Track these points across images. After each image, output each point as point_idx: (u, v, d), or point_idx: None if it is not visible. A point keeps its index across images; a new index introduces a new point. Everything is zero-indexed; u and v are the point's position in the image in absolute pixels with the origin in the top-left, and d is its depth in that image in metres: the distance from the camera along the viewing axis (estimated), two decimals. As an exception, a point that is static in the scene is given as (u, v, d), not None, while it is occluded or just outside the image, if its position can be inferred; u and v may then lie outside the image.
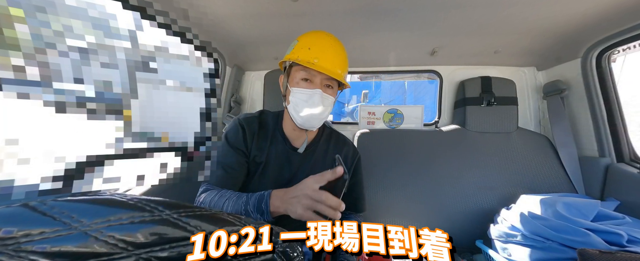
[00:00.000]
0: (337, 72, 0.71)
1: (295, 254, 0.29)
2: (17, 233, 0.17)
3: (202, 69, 0.50)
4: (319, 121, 0.74)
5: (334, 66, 0.70)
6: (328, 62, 0.69)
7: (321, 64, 0.68)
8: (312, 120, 0.73)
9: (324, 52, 0.70)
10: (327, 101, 0.72)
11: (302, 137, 0.81)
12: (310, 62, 0.68)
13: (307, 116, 0.71)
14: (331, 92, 0.73)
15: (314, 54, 0.69)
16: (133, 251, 0.19)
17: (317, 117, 0.72)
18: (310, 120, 0.72)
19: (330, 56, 0.70)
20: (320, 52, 0.70)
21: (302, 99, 0.71)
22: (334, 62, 0.70)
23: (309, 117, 0.72)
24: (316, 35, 0.74)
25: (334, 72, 0.69)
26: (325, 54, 0.70)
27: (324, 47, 0.71)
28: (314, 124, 0.74)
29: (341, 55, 0.73)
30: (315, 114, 0.71)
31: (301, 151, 0.79)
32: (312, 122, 0.73)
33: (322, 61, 0.69)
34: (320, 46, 0.71)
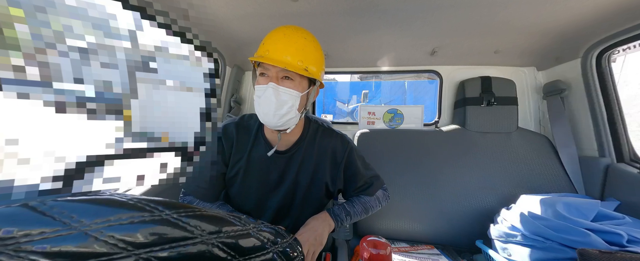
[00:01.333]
0: (288, 62, 0.64)
1: (295, 254, 0.29)
2: (17, 233, 0.17)
3: (202, 69, 0.50)
4: (278, 118, 0.66)
5: (283, 56, 0.64)
6: (278, 52, 0.64)
7: (271, 55, 0.64)
8: (269, 117, 0.66)
9: (275, 43, 0.65)
10: (284, 95, 0.65)
11: (282, 138, 0.77)
12: (262, 55, 0.65)
13: (264, 113, 0.67)
14: (291, 85, 0.66)
15: (266, 46, 0.66)
16: (133, 251, 0.19)
17: (273, 113, 0.65)
18: (268, 117, 0.66)
19: (281, 46, 0.65)
20: (272, 44, 0.65)
21: (257, 95, 0.67)
22: (284, 52, 0.64)
23: (265, 115, 0.66)
24: (275, 30, 0.69)
25: (283, 62, 0.63)
26: (275, 45, 0.65)
27: (276, 38, 0.66)
28: (274, 122, 0.67)
29: (297, 44, 0.66)
30: (270, 110, 0.65)
31: (269, 154, 0.75)
32: (270, 120, 0.67)
33: (272, 52, 0.64)
34: (273, 38, 0.66)
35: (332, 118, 4.58)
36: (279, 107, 0.65)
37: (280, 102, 0.65)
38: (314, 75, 0.68)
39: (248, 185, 0.80)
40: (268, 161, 0.78)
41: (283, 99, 0.65)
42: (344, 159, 0.84)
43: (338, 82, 9.31)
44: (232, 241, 0.24)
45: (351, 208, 0.82)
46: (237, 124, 0.81)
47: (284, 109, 0.66)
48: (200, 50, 0.49)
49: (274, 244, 0.28)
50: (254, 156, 0.79)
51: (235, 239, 0.25)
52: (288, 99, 0.66)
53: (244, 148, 0.79)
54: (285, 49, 0.65)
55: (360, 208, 0.83)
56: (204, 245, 0.22)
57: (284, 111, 0.66)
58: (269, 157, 0.77)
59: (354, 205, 0.83)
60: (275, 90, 0.65)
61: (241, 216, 0.27)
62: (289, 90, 0.66)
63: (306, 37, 0.68)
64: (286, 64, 0.63)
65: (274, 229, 0.30)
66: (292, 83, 0.66)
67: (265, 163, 0.79)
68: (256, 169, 0.79)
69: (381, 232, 1.07)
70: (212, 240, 0.23)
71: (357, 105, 4.08)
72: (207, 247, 0.22)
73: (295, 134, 0.81)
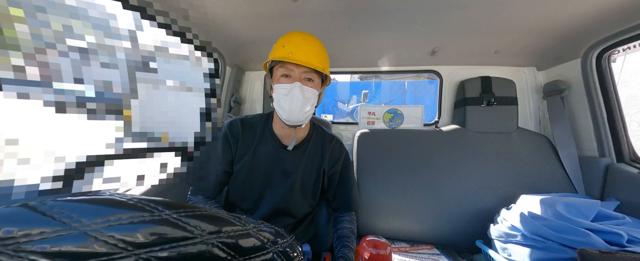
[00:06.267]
0: (313, 63, 0.72)
1: (295, 254, 0.29)
2: (16, 233, 0.17)
3: (202, 69, 0.50)
4: (302, 114, 0.74)
5: (309, 58, 0.72)
6: (302, 54, 0.72)
7: (296, 57, 0.71)
8: (294, 114, 0.73)
9: (297, 46, 0.73)
10: (308, 93, 0.73)
11: (291, 135, 0.82)
12: (286, 57, 0.72)
13: (290, 110, 0.73)
14: (312, 85, 0.74)
15: (289, 49, 0.73)
16: (133, 251, 0.19)
17: (299, 110, 0.73)
18: (293, 114, 0.73)
19: (304, 49, 0.73)
20: (294, 47, 0.73)
21: (283, 93, 0.73)
22: (308, 55, 0.72)
23: (291, 111, 0.73)
24: (291, 34, 0.77)
25: (309, 63, 0.71)
26: (299, 48, 0.73)
27: (297, 42, 0.74)
28: (298, 118, 0.74)
29: (316, 48, 0.75)
30: (297, 107, 0.72)
31: (290, 149, 0.81)
32: (296, 116, 0.74)
33: (297, 54, 0.72)
34: (293, 42, 0.74)
35: (332, 118, 4.58)
36: (304, 104, 0.73)
37: (306, 99, 0.73)
38: (328, 75, 0.78)
39: (252, 180, 0.82)
40: (273, 156, 0.82)
41: (307, 96, 0.73)
42: (338, 161, 0.88)
43: (338, 82, 9.31)
44: (232, 241, 0.24)
45: (352, 244, 0.82)
46: (242, 121, 0.85)
47: (308, 107, 0.74)
48: (200, 50, 0.49)
49: (274, 244, 0.28)
50: (260, 152, 0.82)
51: (235, 239, 0.25)
52: (311, 97, 0.74)
53: (249, 145, 0.82)
54: (308, 52, 0.73)
55: (353, 238, 0.85)
56: (204, 245, 0.22)
57: (308, 107, 0.74)
58: (275, 153, 0.81)
59: (350, 239, 0.83)
60: (301, 89, 0.72)
61: (241, 216, 0.27)
62: (312, 89, 0.74)
63: (320, 43, 0.78)
64: (312, 65, 0.72)
65: (274, 229, 0.30)
66: (313, 83, 0.75)
67: (271, 159, 0.82)
68: (261, 165, 0.81)
69: (381, 232, 1.07)
70: (212, 240, 0.23)
71: (357, 105, 4.08)
72: (207, 247, 0.22)
73: (304, 131, 0.86)
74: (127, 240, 0.19)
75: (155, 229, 0.21)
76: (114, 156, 0.38)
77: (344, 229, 0.86)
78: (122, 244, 0.19)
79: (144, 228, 0.20)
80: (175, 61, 0.46)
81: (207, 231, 0.23)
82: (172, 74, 0.45)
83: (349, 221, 0.89)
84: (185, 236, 0.22)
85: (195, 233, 0.22)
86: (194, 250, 0.22)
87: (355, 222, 0.92)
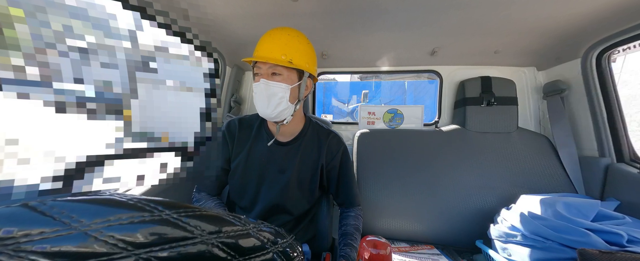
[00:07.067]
0: (274, 57, 0.71)
1: (295, 254, 0.29)
2: (16, 233, 0.17)
3: (202, 69, 0.50)
4: (272, 110, 0.73)
5: (269, 52, 0.71)
6: (264, 51, 0.72)
7: (258, 54, 0.73)
8: (264, 109, 0.74)
9: (261, 44, 0.73)
10: (273, 88, 0.72)
11: (284, 132, 0.84)
12: (252, 57, 0.73)
13: (260, 107, 0.74)
14: (280, 79, 0.72)
15: (256, 48, 0.74)
16: (133, 251, 0.19)
17: (267, 106, 0.73)
18: (264, 110, 0.74)
19: (267, 45, 0.72)
20: (259, 45, 0.74)
21: (254, 92, 0.76)
22: (270, 49, 0.72)
23: (261, 108, 0.74)
24: (265, 33, 0.76)
25: (269, 58, 0.71)
26: (262, 46, 0.73)
27: (262, 40, 0.74)
28: (269, 113, 0.74)
29: (281, 41, 0.72)
30: (264, 103, 0.73)
31: (270, 144, 0.81)
32: (266, 111, 0.74)
33: (259, 52, 0.73)
34: (261, 40, 0.74)
35: (332, 118, 4.58)
36: (270, 99, 0.72)
37: (270, 95, 0.72)
38: (301, 67, 0.74)
39: (248, 177, 0.83)
40: (268, 153, 0.82)
41: (273, 91, 0.72)
42: (337, 156, 0.88)
43: (338, 82, 9.31)
44: (232, 241, 0.24)
45: (355, 242, 0.81)
46: (240, 120, 0.87)
47: (275, 101, 0.73)
48: (200, 50, 0.49)
49: (274, 244, 0.28)
50: (255, 149, 0.83)
51: (235, 239, 0.25)
52: (278, 92, 0.72)
53: (245, 142, 0.84)
54: (269, 47, 0.72)
55: (358, 235, 0.84)
56: (204, 245, 0.22)
57: (275, 102, 0.73)
58: (270, 149, 0.82)
59: (354, 237, 0.82)
60: (265, 85, 0.72)
61: (241, 216, 0.27)
62: (278, 83, 0.72)
63: (289, 34, 0.74)
64: (269, 59, 0.70)
65: (274, 229, 0.30)
66: (280, 77, 0.73)
67: (265, 156, 0.82)
68: (256, 162, 0.82)
69: (381, 232, 1.07)
70: (212, 240, 0.23)
71: (357, 105, 4.08)
72: (207, 247, 0.22)
73: (295, 126, 0.85)
74: (127, 240, 0.19)
75: (155, 229, 0.21)
76: (114, 156, 0.38)
77: (348, 226, 0.85)
78: (122, 244, 0.19)
79: (144, 228, 0.20)
80: (175, 61, 0.46)
81: (207, 231, 0.23)
82: (172, 74, 0.45)
83: (354, 217, 0.88)
84: (185, 236, 0.22)
85: (195, 233, 0.22)
86: (194, 250, 0.22)
87: (360, 217, 0.90)
